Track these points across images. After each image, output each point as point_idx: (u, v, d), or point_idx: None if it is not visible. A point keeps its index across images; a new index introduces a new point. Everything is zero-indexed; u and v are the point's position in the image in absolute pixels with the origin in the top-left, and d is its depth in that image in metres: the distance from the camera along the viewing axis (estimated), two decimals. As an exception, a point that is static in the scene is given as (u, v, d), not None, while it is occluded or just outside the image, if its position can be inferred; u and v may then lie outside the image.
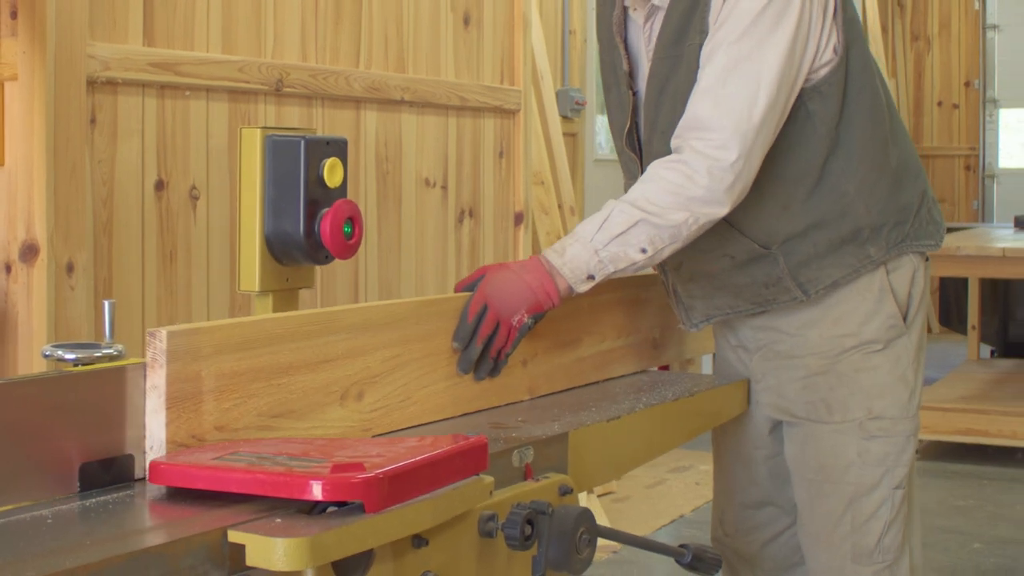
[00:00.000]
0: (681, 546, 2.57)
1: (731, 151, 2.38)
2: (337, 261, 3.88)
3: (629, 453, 2.48)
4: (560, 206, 6.44)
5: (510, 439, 2.20)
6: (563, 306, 2.46)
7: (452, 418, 2.37)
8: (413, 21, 4.23)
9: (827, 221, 2.57)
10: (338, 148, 2.31)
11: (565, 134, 7.11)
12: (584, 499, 5.86)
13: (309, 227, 2.26)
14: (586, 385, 2.74)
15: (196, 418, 1.89)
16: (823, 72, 2.52)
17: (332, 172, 2.28)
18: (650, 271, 2.69)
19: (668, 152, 2.50)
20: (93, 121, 3.19)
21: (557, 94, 6.66)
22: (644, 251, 2.39)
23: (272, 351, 1.99)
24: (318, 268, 3.77)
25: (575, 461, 2.28)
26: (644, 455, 2.55)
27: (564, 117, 7.77)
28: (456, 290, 2.44)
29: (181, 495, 1.80)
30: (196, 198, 3.45)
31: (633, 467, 2.59)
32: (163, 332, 1.85)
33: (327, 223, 2.26)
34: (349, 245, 2.30)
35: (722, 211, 2.42)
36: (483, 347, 2.36)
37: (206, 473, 1.77)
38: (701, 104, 2.43)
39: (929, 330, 11.19)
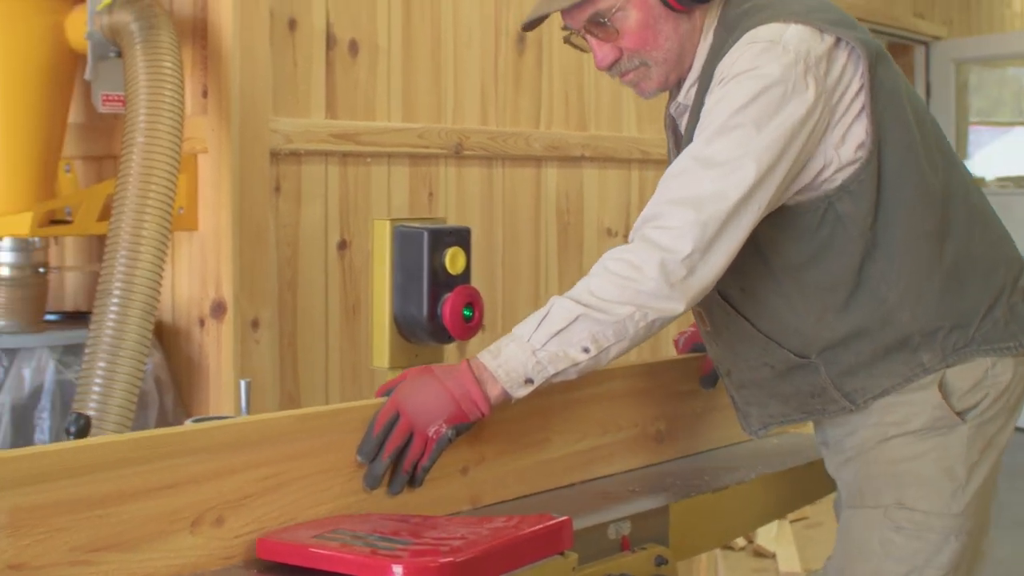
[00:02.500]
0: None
1: (686, 243, 2.05)
2: (520, 303, 3.98)
3: (735, 523, 2.45)
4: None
5: (611, 511, 2.22)
6: (526, 403, 2.13)
7: (569, 487, 2.38)
8: (594, 83, 4.26)
9: (869, 330, 2.24)
10: (461, 238, 2.36)
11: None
12: (775, 525, 5.81)
13: (432, 310, 2.31)
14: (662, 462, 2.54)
15: (-16, 557, 1.64)
16: (850, 170, 2.18)
17: (454, 260, 2.34)
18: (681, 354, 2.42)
19: None
20: (277, 189, 3.32)
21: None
22: (587, 350, 2.06)
23: (87, 481, 1.72)
24: (498, 312, 3.88)
25: (677, 532, 2.27)
26: (751, 524, 2.53)
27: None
28: (376, 395, 2.15)
29: (287, 569, 1.89)
30: (378, 255, 3.55)
31: (741, 535, 2.56)
32: None
33: (448, 307, 2.32)
34: (469, 327, 2.35)
35: (676, 308, 2.07)
36: (392, 460, 2.06)
37: (302, 551, 1.86)
38: (660, 196, 2.12)
39: None
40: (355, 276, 3.51)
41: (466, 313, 2.34)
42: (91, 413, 2.73)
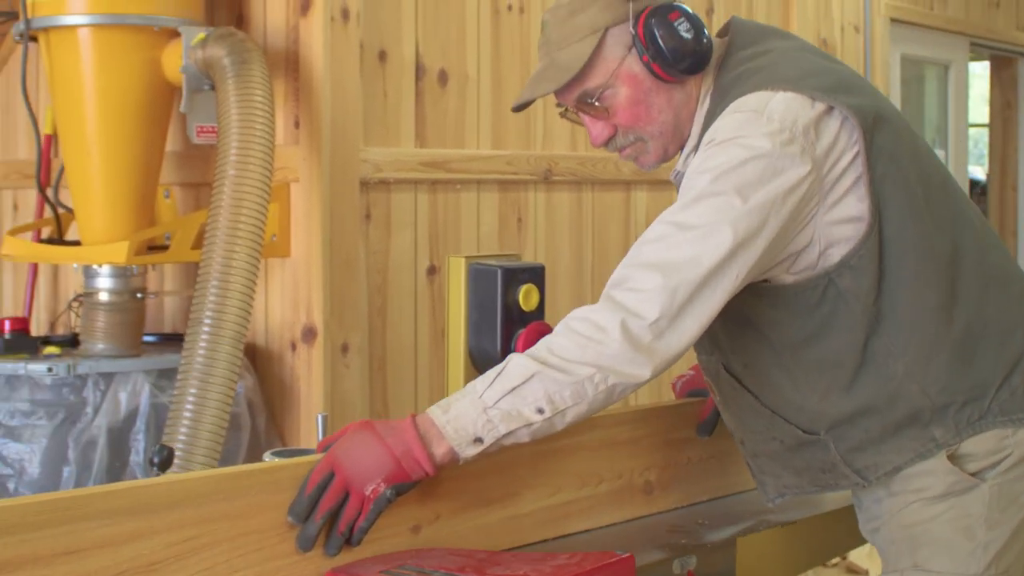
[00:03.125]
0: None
1: (653, 308, 1.90)
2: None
3: (803, 557, 2.41)
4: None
5: (677, 546, 2.20)
6: (491, 457, 1.96)
7: (629, 520, 2.37)
8: (684, 106, 4.27)
9: (876, 407, 2.10)
10: (534, 275, 2.37)
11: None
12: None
13: (506, 346, 2.33)
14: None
15: None
16: (847, 246, 2.04)
17: (527, 297, 2.35)
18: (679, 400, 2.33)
19: None
20: (368, 217, 3.36)
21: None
22: (541, 411, 1.90)
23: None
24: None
25: (744, 566, 2.25)
26: (824, 556, 2.51)
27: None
28: (317, 449, 2.01)
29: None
30: (467, 280, 3.58)
31: (808, 569, 2.53)
32: None
33: (521, 343, 2.33)
34: (541, 364, 2.38)
35: (641, 373, 1.91)
36: (325, 521, 1.89)
37: (369, 587, 1.90)
38: (631, 259, 1.99)
39: None
40: (444, 301, 3.54)
41: None
42: (181, 438, 2.80)
